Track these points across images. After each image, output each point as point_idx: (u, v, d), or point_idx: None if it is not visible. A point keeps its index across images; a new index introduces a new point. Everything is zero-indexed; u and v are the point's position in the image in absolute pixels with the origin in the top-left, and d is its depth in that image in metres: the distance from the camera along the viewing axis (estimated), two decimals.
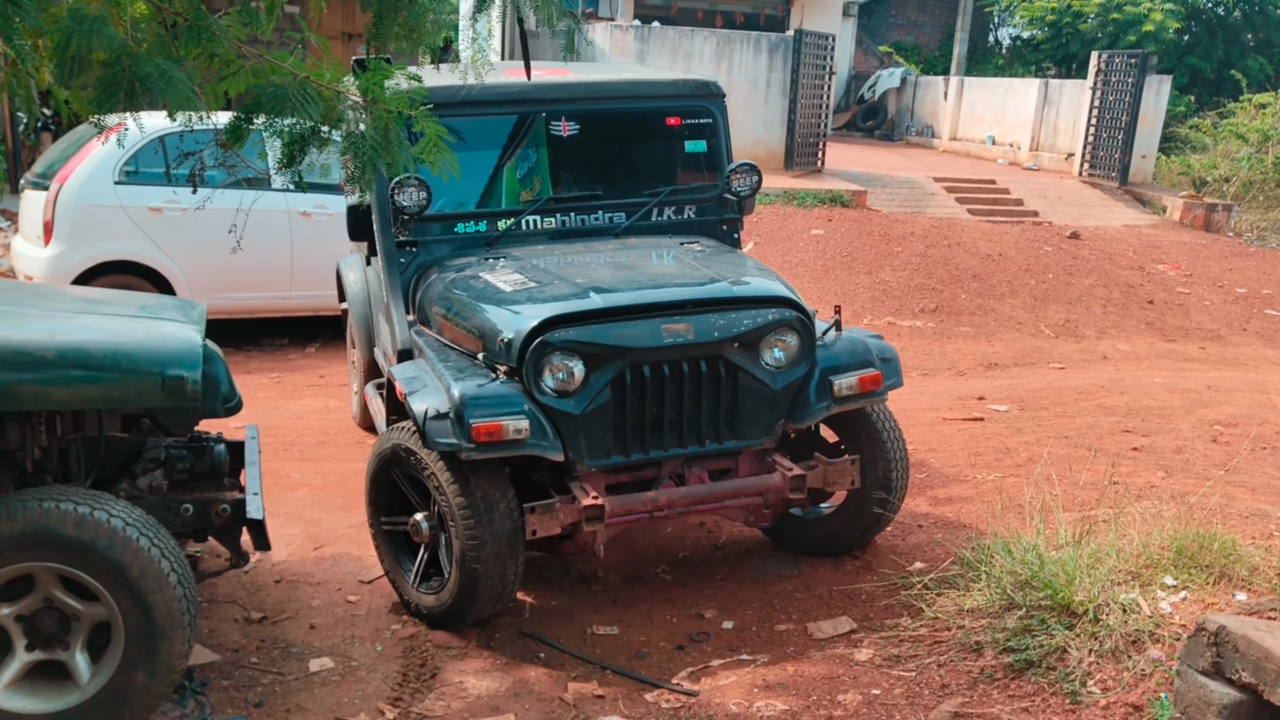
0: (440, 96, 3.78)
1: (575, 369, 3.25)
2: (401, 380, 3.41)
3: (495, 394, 3.18)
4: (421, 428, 3.16)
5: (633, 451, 3.36)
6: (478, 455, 3.12)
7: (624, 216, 4.14)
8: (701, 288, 3.51)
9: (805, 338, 3.50)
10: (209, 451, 3.19)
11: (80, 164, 6.20)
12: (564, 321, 3.25)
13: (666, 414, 3.36)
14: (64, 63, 2.12)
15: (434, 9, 2.52)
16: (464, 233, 4.01)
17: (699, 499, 3.43)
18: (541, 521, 3.21)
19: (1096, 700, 2.81)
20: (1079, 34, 16.79)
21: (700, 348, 3.34)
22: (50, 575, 2.58)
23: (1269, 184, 12.59)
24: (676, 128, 4.28)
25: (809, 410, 3.52)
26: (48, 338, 2.70)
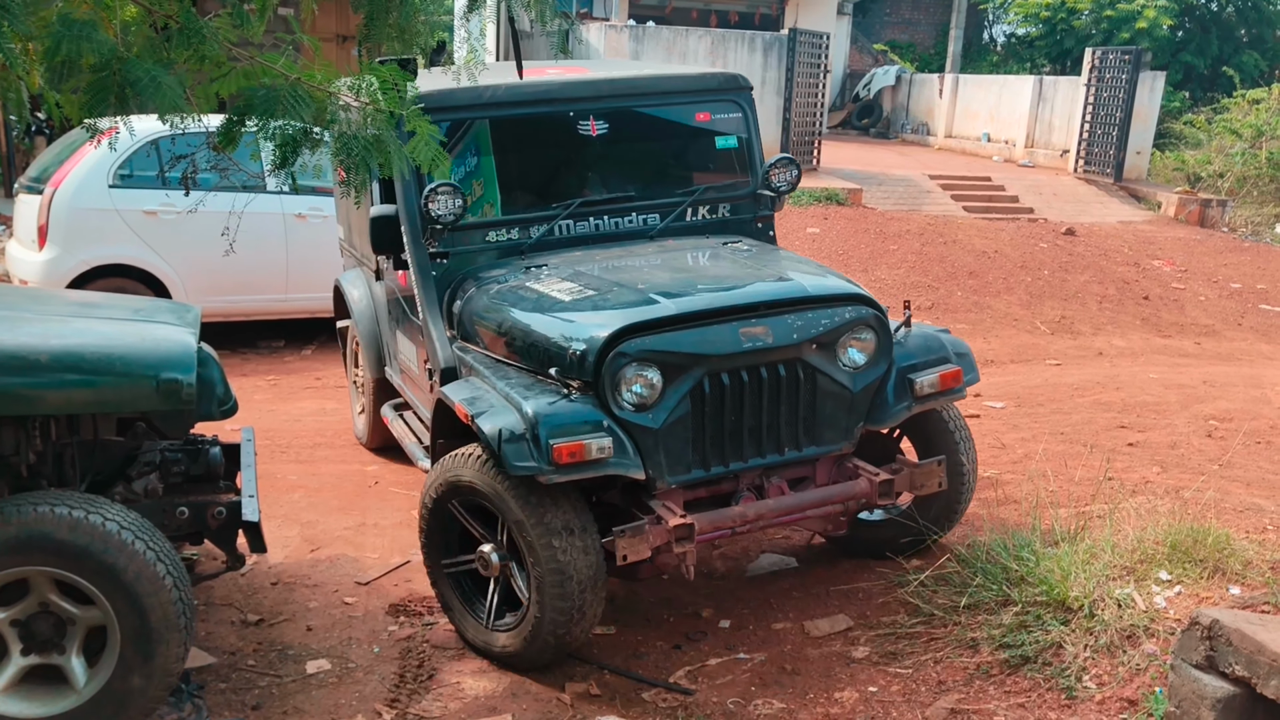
0: (464, 99, 3.71)
1: (653, 380, 3.06)
2: (462, 401, 3.14)
3: (573, 411, 2.97)
4: (496, 451, 2.92)
5: (713, 465, 3.18)
6: (559, 478, 2.90)
7: (658, 218, 3.98)
8: (776, 287, 3.35)
9: (882, 336, 3.35)
10: (204, 454, 3.19)
11: (74, 168, 6.19)
12: (638, 330, 3.06)
13: (746, 423, 3.18)
14: (54, 67, 2.12)
15: (425, 10, 2.52)
16: (496, 241, 3.80)
17: (786, 511, 3.26)
18: (631, 545, 2.99)
19: (1092, 695, 2.82)
20: (1073, 30, 16.81)
21: (779, 351, 3.18)
22: (45, 579, 2.58)
23: (1263, 179, 12.61)
24: (706, 123, 4.12)
25: (889, 411, 3.37)
26: (41, 342, 2.71)
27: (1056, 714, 2.81)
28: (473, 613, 3.30)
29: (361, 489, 4.72)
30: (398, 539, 4.20)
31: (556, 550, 2.96)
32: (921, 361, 3.46)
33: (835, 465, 3.42)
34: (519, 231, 3.82)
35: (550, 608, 3.00)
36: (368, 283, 4.74)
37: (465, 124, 3.81)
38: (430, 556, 3.36)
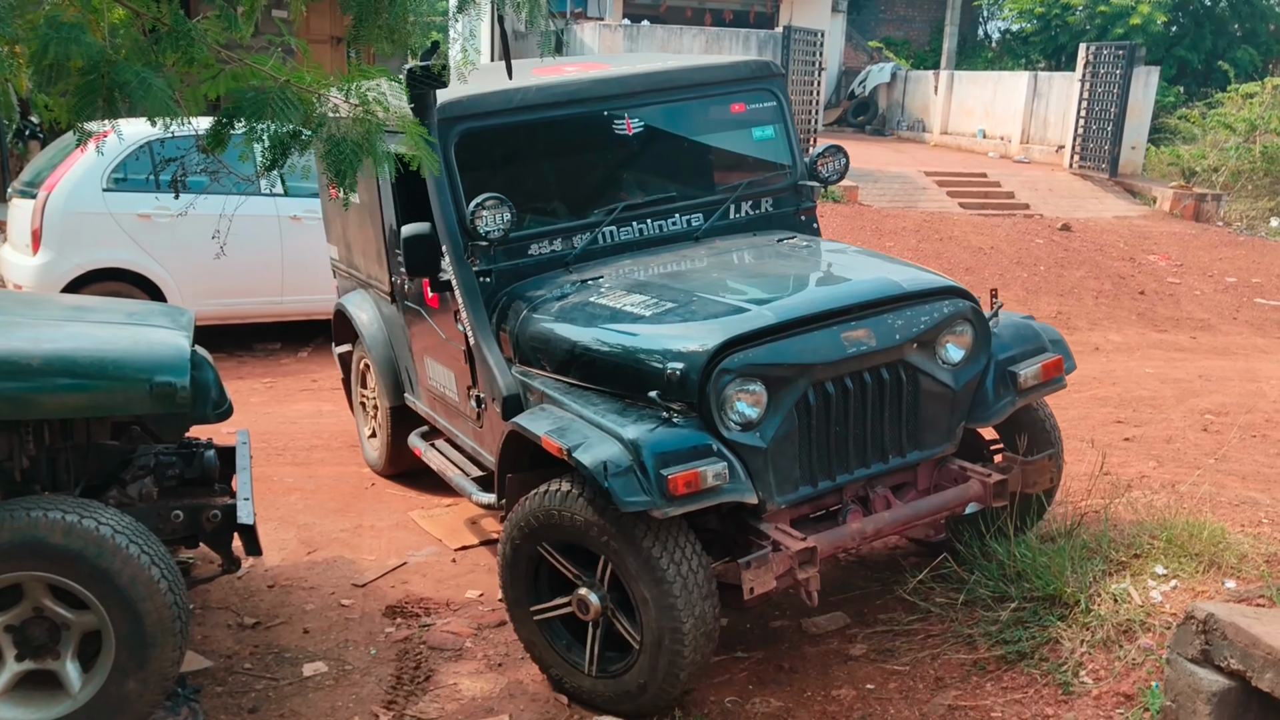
0: (493, 104, 3.51)
1: (759, 396, 2.86)
2: (549, 434, 2.89)
3: (680, 437, 2.75)
4: (604, 486, 2.65)
5: (820, 480, 2.99)
6: (674, 511, 2.67)
7: (702, 217, 3.76)
8: (872, 286, 3.16)
9: (980, 329, 3.18)
10: (199, 458, 3.19)
11: (68, 171, 6.18)
12: (740, 343, 2.85)
13: (851, 433, 3.01)
14: (42, 70, 2.11)
15: (414, 10, 2.52)
16: (539, 255, 3.52)
17: (905, 522, 3.11)
18: (758, 577, 2.75)
19: (1089, 690, 2.82)
20: (1067, 26, 16.83)
21: (882, 354, 3.00)
22: (39, 584, 2.57)
23: (1257, 173, 12.63)
24: (742, 114, 3.92)
25: (991, 408, 3.21)
26: (34, 346, 2.70)
27: (1053, 709, 2.81)
28: (569, 660, 3.04)
29: (358, 491, 4.71)
30: (394, 540, 4.20)
31: (671, 589, 2.72)
32: (1020, 352, 3.30)
33: (935, 468, 3.26)
34: (562, 242, 3.57)
35: (666, 650, 2.76)
36: (376, 305, 4.49)
37: (496, 131, 3.57)
38: (515, 601, 3.10)
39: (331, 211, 4.87)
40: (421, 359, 4.09)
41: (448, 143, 3.39)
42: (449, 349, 3.73)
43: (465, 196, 3.37)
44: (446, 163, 3.36)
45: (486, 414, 3.54)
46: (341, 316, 4.80)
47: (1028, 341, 3.36)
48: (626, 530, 2.75)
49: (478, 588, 3.81)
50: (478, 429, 3.70)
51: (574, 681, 3.05)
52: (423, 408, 4.24)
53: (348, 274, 4.83)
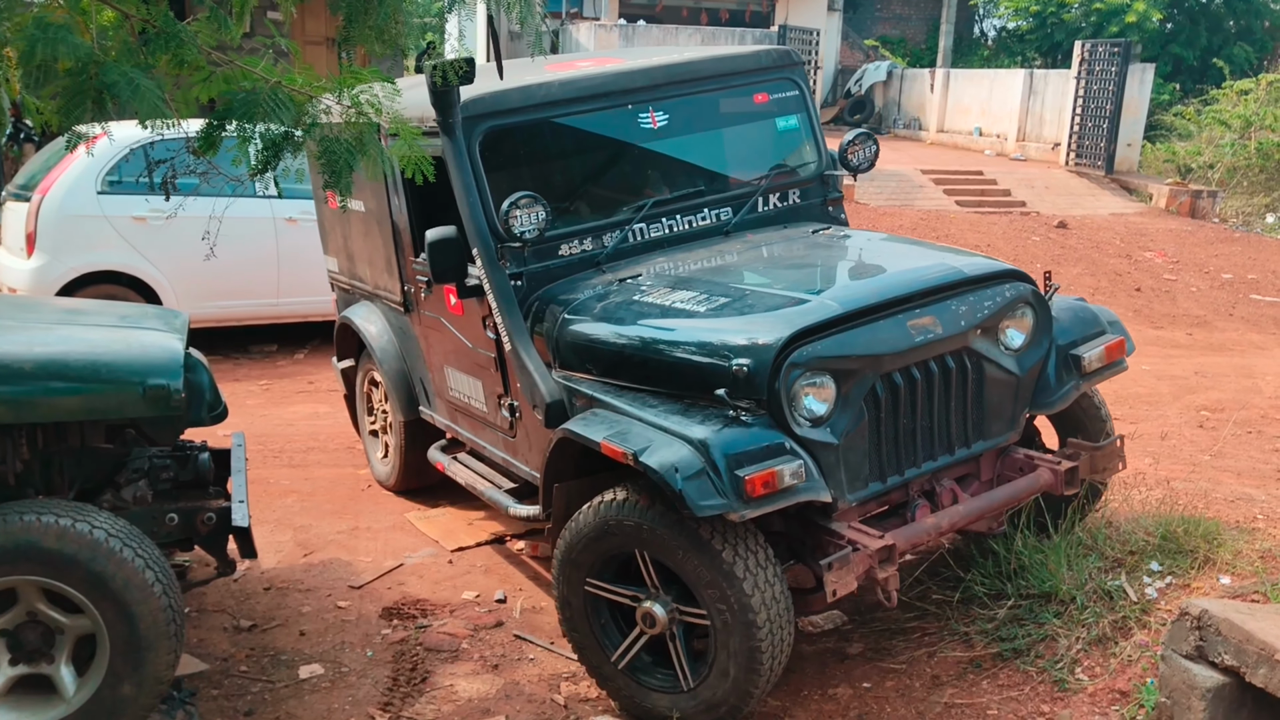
0: (517, 100, 3.40)
1: (828, 390, 2.75)
2: (608, 438, 2.75)
3: (752, 436, 2.63)
4: (676, 490, 2.53)
5: (890, 475, 2.90)
6: (751, 513, 2.55)
7: (730, 211, 3.66)
8: (933, 272, 3.06)
9: (1041, 313, 3.10)
10: (194, 460, 3.18)
11: (62, 174, 6.17)
12: (807, 336, 2.74)
13: (918, 425, 2.93)
14: (30, 71, 2.10)
15: (404, 10, 2.51)
16: (570, 255, 3.40)
17: (978, 515, 3.02)
18: (841, 578, 2.65)
19: (1084, 687, 2.83)
20: (1063, 24, 16.84)
21: (947, 341, 2.91)
22: (33, 589, 2.57)
23: (1253, 170, 12.65)
24: (765, 104, 3.83)
25: (1055, 393, 3.12)
26: (26, 350, 2.69)
27: (1049, 706, 2.81)
28: (632, 675, 2.93)
29: (355, 493, 4.71)
30: (390, 542, 4.20)
31: (747, 596, 2.61)
32: (1080, 336, 3.22)
33: (999, 458, 3.19)
34: (592, 241, 3.45)
35: (743, 661, 2.66)
36: (385, 317, 4.32)
37: (520, 128, 3.46)
38: (594, 662, 2.99)
39: (330, 223, 4.71)
40: (441, 369, 3.95)
41: (472, 141, 3.29)
42: (475, 357, 3.61)
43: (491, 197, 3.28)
44: (472, 162, 3.27)
45: (522, 423, 3.44)
46: (346, 330, 4.63)
47: (1087, 324, 3.28)
48: (696, 536, 2.64)
49: (474, 589, 3.80)
50: (510, 439, 3.58)
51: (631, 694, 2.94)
52: (442, 420, 4.11)
53: (349, 286, 4.66)
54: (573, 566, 2.90)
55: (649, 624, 2.83)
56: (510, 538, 4.22)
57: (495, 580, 3.87)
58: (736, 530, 2.66)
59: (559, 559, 2.95)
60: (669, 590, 2.80)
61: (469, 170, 3.26)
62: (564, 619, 3.01)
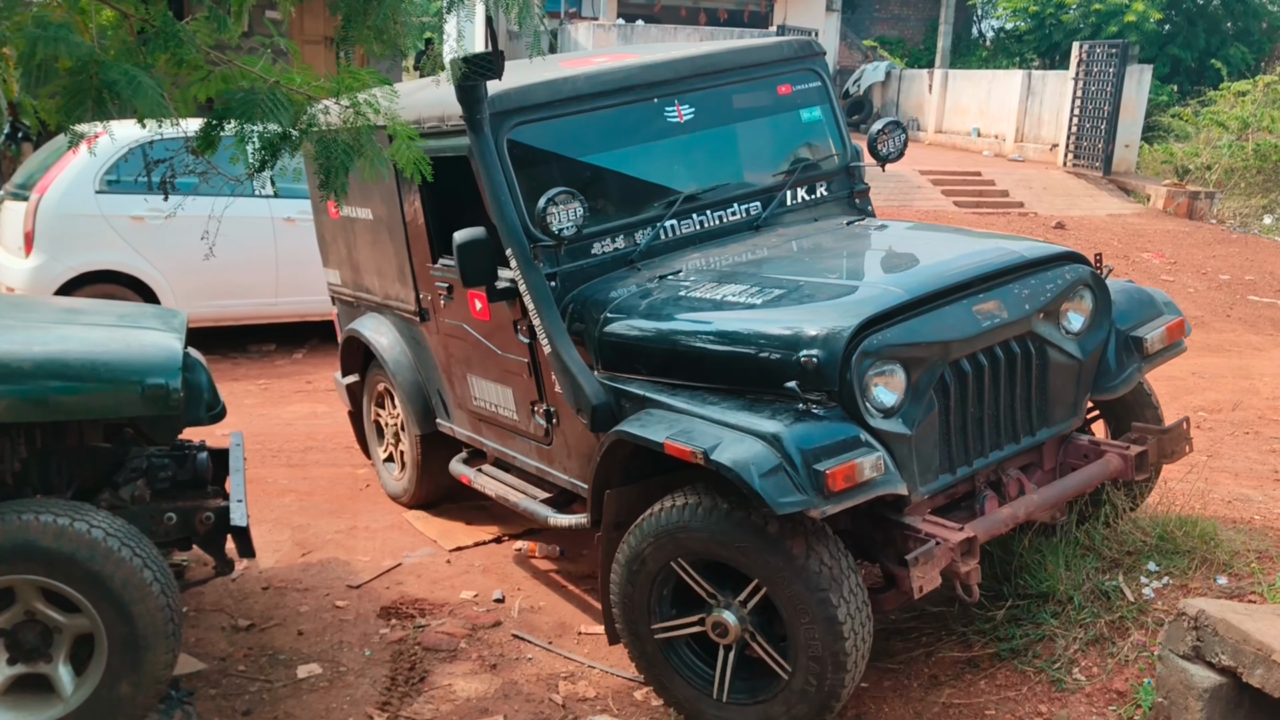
0: (544, 95, 3.32)
1: (899, 379, 2.67)
2: (673, 438, 2.65)
3: (828, 429, 2.55)
4: (753, 488, 2.42)
5: (959, 466, 2.82)
6: (832, 509, 2.45)
7: (759, 205, 3.59)
8: (994, 256, 2.99)
9: (1101, 295, 3.04)
10: (192, 460, 3.18)
11: (60, 174, 6.17)
12: (875, 324, 2.66)
13: (985, 414, 2.85)
14: (30, 71, 2.10)
15: (403, 11, 2.51)
16: (602, 254, 3.30)
17: (1052, 504, 2.96)
18: (926, 574, 2.55)
19: (1082, 687, 2.83)
20: (1061, 25, 16.87)
21: (1012, 326, 2.84)
22: (31, 588, 2.56)
23: (1250, 171, 12.68)
24: (789, 96, 3.75)
25: (1116, 377, 3.07)
26: (25, 349, 2.69)
27: (1047, 706, 2.81)
28: (692, 684, 2.84)
29: (353, 492, 4.71)
30: (389, 542, 4.20)
31: (829, 598, 2.51)
32: (1139, 318, 3.18)
33: (1060, 445, 3.12)
34: (624, 239, 3.35)
35: (827, 668, 2.55)
36: (397, 328, 4.20)
37: (548, 124, 3.35)
38: (631, 616, 2.90)
39: (331, 233, 4.57)
40: (464, 379, 3.83)
41: (500, 138, 3.19)
42: (505, 364, 3.51)
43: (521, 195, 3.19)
44: (501, 160, 3.17)
45: (559, 429, 3.36)
46: (352, 344, 4.49)
47: (1144, 305, 3.24)
48: (767, 536, 2.55)
49: (472, 588, 3.80)
50: (544, 447, 3.49)
51: (695, 704, 2.86)
52: (464, 432, 4.00)
53: (354, 298, 4.53)
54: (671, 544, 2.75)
55: (721, 634, 2.74)
56: (508, 537, 4.23)
57: (493, 580, 3.88)
58: (808, 528, 2.57)
59: (620, 568, 2.86)
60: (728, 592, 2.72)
61: (499, 168, 3.15)
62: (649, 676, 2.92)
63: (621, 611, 2.93)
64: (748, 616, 2.70)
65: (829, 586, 2.53)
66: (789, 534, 2.55)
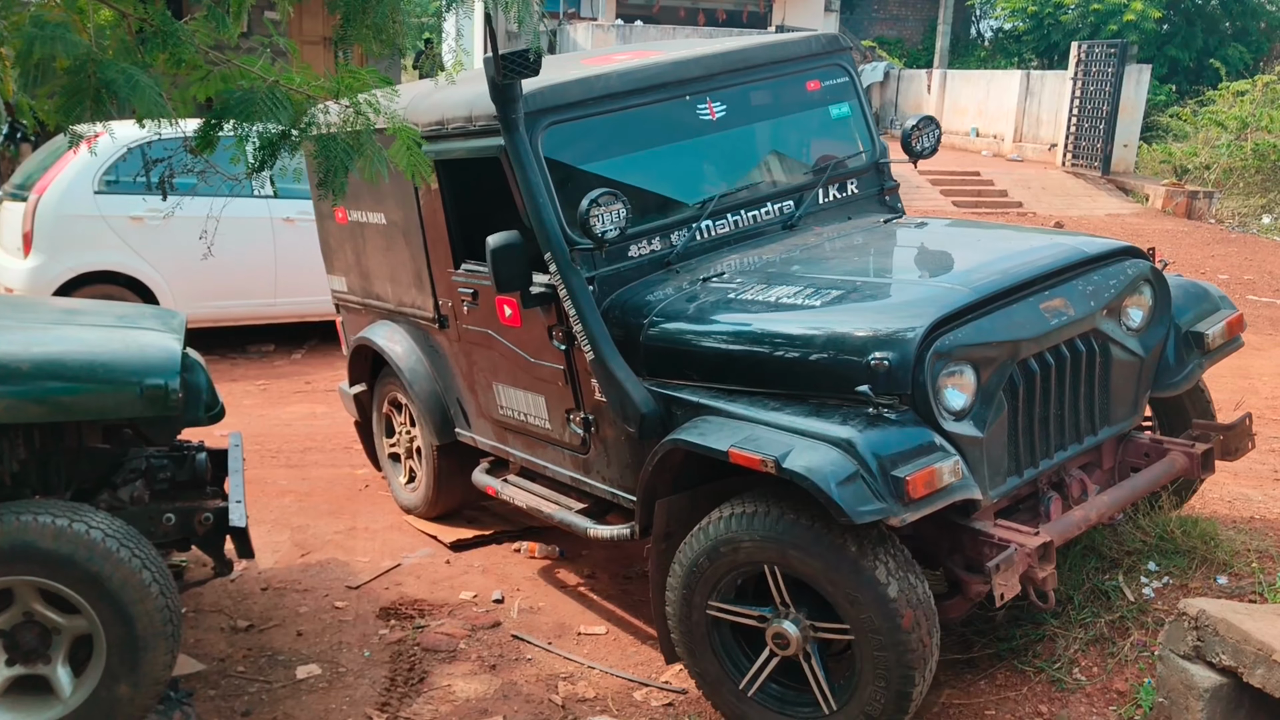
0: (577, 94, 3.22)
1: (969, 380, 2.59)
2: (739, 446, 2.55)
3: (904, 434, 2.46)
4: (831, 498, 2.33)
5: (1027, 468, 2.74)
6: (911, 517, 2.37)
7: (792, 204, 3.51)
8: (1057, 252, 2.92)
9: (1161, 290, 2.98)
10: (191, 460, 3.17)
11: (59, 174, 6.16)
12: (944, 324, 2.58)
13: (1051, 413, 2.79)
14: (27, 70, 2.10)
15: (401, 10, 2.51)
16: (639, 256, 3.20)
17: (1122, 504, 2.91)
18: (1007, 580, 2.46)
19: (1082, 687, 2.83)
20: (1060, 25, 16.88)
21: (1079, 324, 2.78)
22: (29, 589, 2.56)
23: (1249, 170, 12.68)
24: (817, 92, 3.68)
25: (1177, 373, 3.01)
26: (23, 350, 2.69)
27: (1047, 707, 2.81)
28: (764, 703, 2.75)
29: (352, 493, 4.70)
30: (388, 542, 4.19)
31: (893, 604, 2.42)
32: (1196, 313, 3.13)
33: (1120, 444, 3.06)
34: (660, 241, 3.26)
35: (896, 674, 2.46)
36: (411, 336, 4.07)
37: (582, 123, 3.26)
38: (690, 640, 2.81)
39: (337, 239, 4.46)
40: (489, 387, 3.71)
41: (535, 138, 3.09)
42: (538, 371, 3.38)
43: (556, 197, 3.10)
44: (538, 160, 3.07)
45: (598, 437, 3.25)
46: (361, 353, 4.36)
47: (1200, 300, 3.20)
48: (832, 545, 2.46)
49: (471, 589, 3.80)
50: (581, 456, 3.38)
51: (718, 687, 2.79)
52: (487, 442, 3.88)
53: (362, 305, 4.41)
54: (692, 588, 2.71)
55: (781, 645, 2.65)
56: (508, 538, 4.22)
57: (493, 580, 3.87)
58: (874, 536, 2.48)
59: (678, 580, 2.76)
60: (800, 607, 2.62)
61: (535, 168, 3.05)
62: (681, 643, 2.82)
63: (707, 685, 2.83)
64: (812, 636, 2.62)
65: (893, 591, 2.44)
66: (848, 540, 2.46)
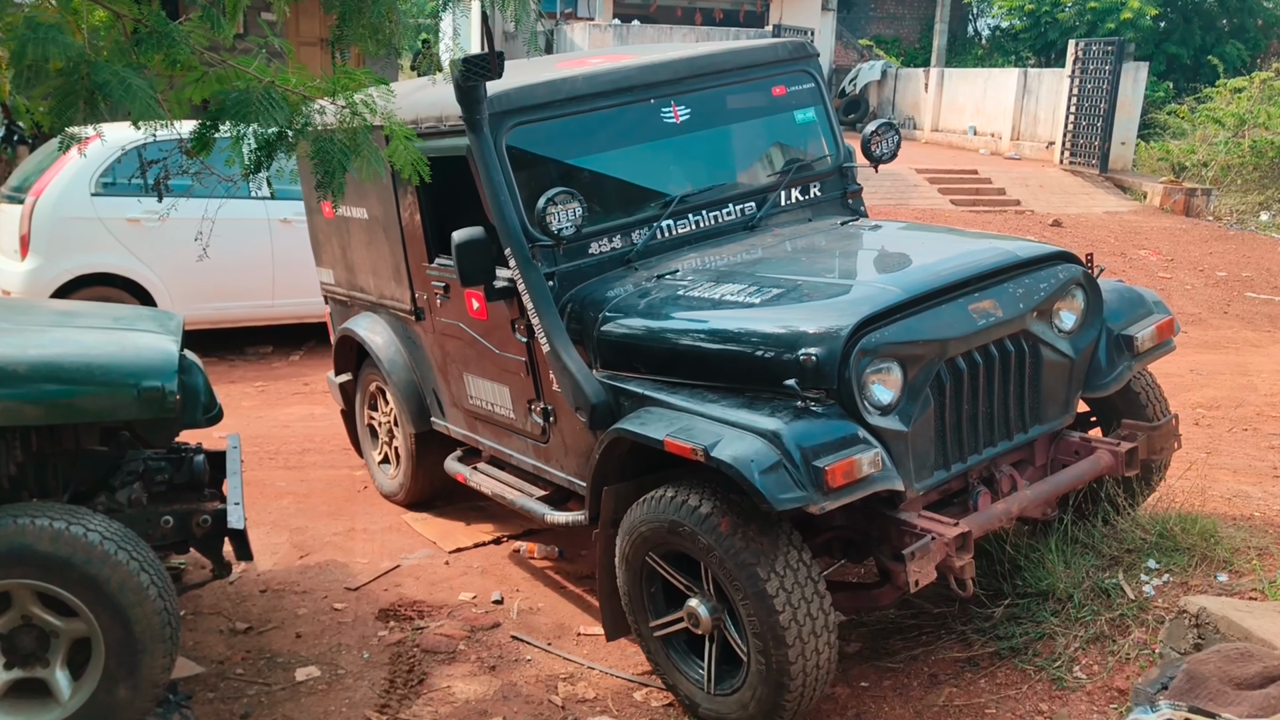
0: (543, 95, 3.33)
1: (895, 376, 2.72)
2: (674, 435, 2.69)
3: (827, 426, 2.59)
4: (754, 486, 2.46)
5: (953, 463, 2.86)
6: (830, 505, 2.50)
7: (754, 206, 3.61)
8: (988, 255, 3.04)
9: (1093, 294, 3.11)
10: (188, 462, 3.17)
11: (56, 176, 6.15)
12: (872, 323, 2.70)
13: (980, 411, 2.90)
14: (21, 72, 2.09)
15: (399, 9, 2.50)
16: (600, 254, 3.32)
17: (1044, 500, 3.01)
18: (922, 567, 2.59)
19: (1082, 685, 2.82)
20: (1057, 23, 16.88)
21: (1007, 325, 2.90)
22: (28, 592, 2.55)
23: (1246, 168, 12.68)
24: (783, 97, 3.80)
25: (1107, 375, 3.13)
26: (20, 352, 2.68)
27: (1047, 705, 2.81)
28: (665, 648, 2.92)
29: (351, 494, 4.70)
30: (387, 544, 4.19)
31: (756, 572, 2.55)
32: (1129, 317, 3.24)
33: (1052, 442, 3.18)
34: (621, 239, 3.37)
35: (769, 643, 2.58)
36: (391, 328, 4.23)
37: (547, 124, 3.37)
38: (635, 616, 2.98)
39: (325, 233, 4.59)
40: (460, 378, 3.85)
41: (500, 138, 3.21)
42: (502, 363, 3.53)
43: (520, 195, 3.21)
44: (500, 159, 3.19)
45: (556, 427, 3.39)
46: (346, 343, 4.51)
47: (1134, 304, 3.31)
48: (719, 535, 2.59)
49: (471, 590, 3.79)
50: (541, 445, 3.52)
51: (695, 700, 2.90)
52: (459, 431, 4.02)
53: (348, 297, 4.56)
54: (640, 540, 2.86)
55: (693, 622, 2.80)
56: (507, 539, 4.21)
57: (492, 581, 3.87)
58: (769, 530, 2.58)
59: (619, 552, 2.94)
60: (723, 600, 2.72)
61: (498, 168, 3.18)
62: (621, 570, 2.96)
63: (628, 609, 3.00)
64: (717, 605, 2.74)
65: (756, 560, 2.56)
66: (719, 513, 2.62)
